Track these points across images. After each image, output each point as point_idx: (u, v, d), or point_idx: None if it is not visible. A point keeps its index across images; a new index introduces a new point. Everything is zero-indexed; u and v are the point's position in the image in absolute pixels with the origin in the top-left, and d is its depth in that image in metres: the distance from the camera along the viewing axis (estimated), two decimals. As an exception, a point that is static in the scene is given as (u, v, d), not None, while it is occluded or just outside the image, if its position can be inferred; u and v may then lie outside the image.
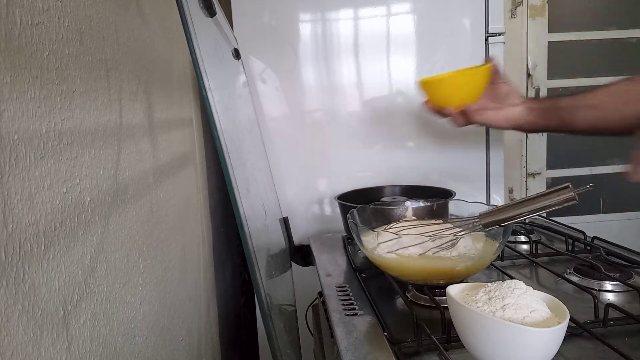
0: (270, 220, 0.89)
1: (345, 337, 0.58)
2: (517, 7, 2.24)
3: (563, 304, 0.48)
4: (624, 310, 0.58)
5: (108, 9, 0.54)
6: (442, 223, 0.75)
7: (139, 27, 0.66)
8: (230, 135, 0.60)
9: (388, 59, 1.20)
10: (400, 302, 0.69)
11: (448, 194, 1.01)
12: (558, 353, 0.46)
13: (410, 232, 0.69)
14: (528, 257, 0.81)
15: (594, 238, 0.88)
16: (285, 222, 1.10)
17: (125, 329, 0.53)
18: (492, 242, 0.69)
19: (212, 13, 0.67)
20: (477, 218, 0.67)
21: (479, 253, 0.66)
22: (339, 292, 0.74)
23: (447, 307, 0.52)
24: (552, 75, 2.28)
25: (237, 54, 1.06)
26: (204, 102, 0.50)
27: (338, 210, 1.06)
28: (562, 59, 2.27)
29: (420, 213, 0.85)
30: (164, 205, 0.72)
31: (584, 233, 0.91)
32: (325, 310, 0.74)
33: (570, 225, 0.99)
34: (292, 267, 1.12)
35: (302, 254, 1.08)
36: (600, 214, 2.32)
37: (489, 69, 0.86)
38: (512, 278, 0.55)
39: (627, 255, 0.80)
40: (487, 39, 1.19)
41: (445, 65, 1.20)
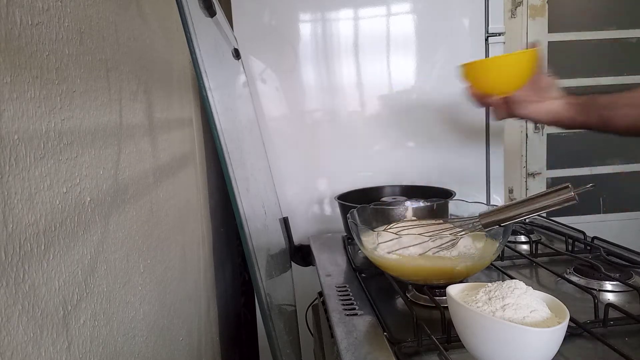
0: (270, 220, 0.89)
1: (345, 337, 0.58)
2: (517, 7, 2.24)
3: (563, 304, 0.48)
4: (624, 310, 0.58)
5: (108, 9, 0.54)
6: (442, 223, 0.75)
7: (139, 27, 0.66)
8: (230, 135, 0.60)
9: (388, 59, 1.20)
10: (400, 302, 0.69)
11: (448, 194, 1.01)
12: (558, 353, 0.46)
13: (411, 232, 0.69)
14: (528, 257, 0.81)
15: (594, 238, 0.88)
16: (285, 222, 1.10)
17: (125, 329, 0.53)
18: (492, 242, 0.69)
19: (212, 13, 0.67)
20: (477, 218, 0.67)
21: (479, 253, 0.66)
22: (339, 292, 0.74)
23: (447, 307, 0.52)
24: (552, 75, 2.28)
25: (237, 54, 1.06)
26: (204, 102, 0.50)
27: (338, 210, 1.06)
28: (562, 59, 2.27)
29: (420, 213, 0.85)
30: (164, 205, 0.72)
31: (584, 233, 0.91)
32: (325, 310, 0.74)
33: (570, 225, 0.99)
34: (292, 267, 1.12)
35: (302, 254, 1.08)
36: (600, 214, 2.32)
37: (536, 54, 0.80)
38: (512, 278, 0.55)
39: (627, 255, 0.80)
40: (487, 39, 1.19)
41: (445, 65, 1.20)
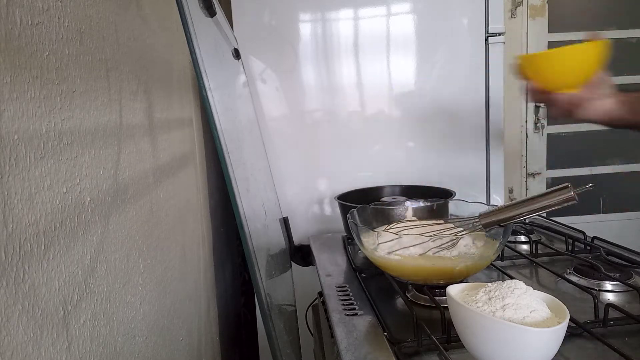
0: (270, 220, 0.89)
1: (345, 337, 0.58)
2: (517, 7, 2.24)
3: (563, 304, 0.48)
4: (624, 310, 0.58)
5: (108, 9, 0.54)
6: (442, 223, 0.75)
7: (139, 27, 0.66)
8: (230, 135, 0.60)
9: (388, 59, 1.20)
10: (400, 302, 0.69)
11: (448, 194, 1.01)
12: (558, 353, 0.46)
13: (411, 232, 0.69)
14: (528, 257, 0.81)
15: (594, 238, 0.88)
16: (285, 222, 1.10)
17: (125, 329, 0.53)
18: (492, 242, 0.69)
19: (212, 13, 0.67)
20: (477, 218, 0.67)
21: (479, 253, 0.66)
22: (339, 292, 0.74)
23: (447, 307, 0.52)
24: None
25: (237, 54, 1.06)
26: (204, 102, 0.50)
27: (338, 210, 1.06)
28: (562, 59, 2.27)
29: (420, 213, 0.85)
30: (164, 205, 0.72)
31: (584, 233, 0.91)
32: (325, 310, 0.74)
33: (570, 225, 0.99)
34: (292, 267, 1.12)
35: (302, 254, 1.08)
36: (600, 214, 2.32)
37: (605, 45, 0.70)
38: (512, 278, 0.55)
39: (627, 255, 0.80)
40: (487, 39, 1.19)
41: (445, 65, 1.20)
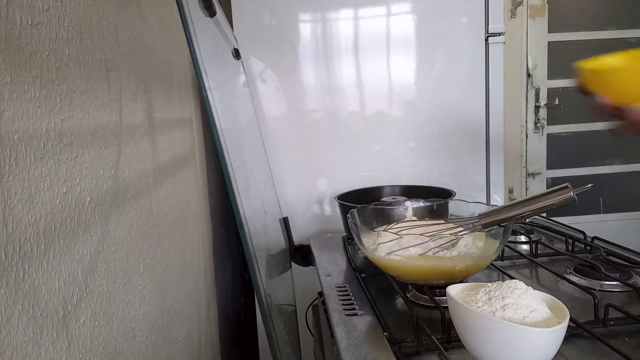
0: (270, 220, 0.89)
1: (345, 337, 0.58)
2: (517, 7, 2.24)
3: (563, 304, 0.48)
4: (624, 310, 0.58)
5: (108, 9, 0.54)
6: (442, 223, 0.75)
7: (139, 27, 0.66)
8: (230, 135, 0.60)
9: (388, 59, 1.20)
10: (400, 302, 0.69)
11: (448, 194, 1.01)
12: (558, 353, 0.46)
13: (411, 232, 0.69)
14: (528, 257, 0.81)
15: (594, 238, 0.88)
16: (285, 222, 1.10)
17: (125, 329, 0.53)
18: (492, 242, 0.69)
19: (212, 13, 0.67)
20: (476, 218, 0.67)
21: (479, 253, 0.66)
22: (339, 292, 0.74)
23: (447, 307, 0.52)
24: (552, 75, 2.28)
25: (237, 54, 1.06)
26: (204, 102, 0.50)
27: (338, 210, 1.06)
28: (562, 59, 2.27)
29: (420, 213, 0.85)
30: (164, 205, 0.72)
31: (584, 233, 0.91)
32: (325, 310, 0.74)
33: (570, 225, 0.99)
34: (292, 267, 1.12)
35: (302, 254, 1.08)
36: (600, 214, 2.32)
37: None
38: (512, 278, 0.55)
39: (627, 255, 0.80)
40: (487, 39, 1.19)
41: (445, 65, 1.20)
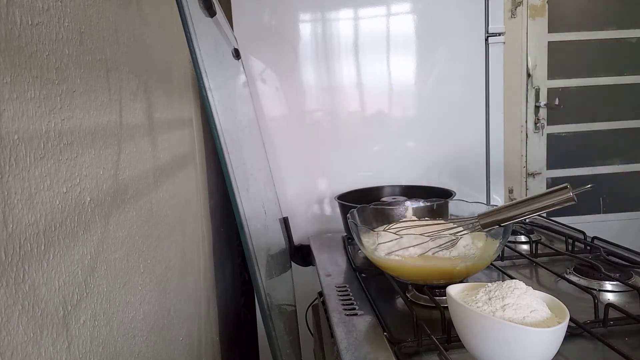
0: (270, 220, 0.89)
1: (345, 337, 0.58)
2: (517, 7, 2.24)
3: (563, 304, 0.48)
4: (624, 310, 0.58)
5: (108, 9, 0.54)
6: (442, 223, 0.75)
7: (139, 27, 0.66)
8: (230, 135, 0.60)
9: (388, 59, 1.20)
10: (400, 302, 0.69)
11: (448, 194, 1.01)
12: (558, 353, 0.46)
13: (410, 232, 0.69)
14: (528, 257, 0.81)
15: (594, 238, 0.88)
16: (285, 222, 1.10)
17: (125, 329, 0.53)
18: (492, 242, 0.69)
19: (212, 13, 0.67)
20: (476, 218, 0.67)
21: (479, 253, 0.66)
22: (339, 292, 0.74)
23: (447, 307, 0.52)
24: (552, 75, 2.28)
25: (237, 54, 1.06)
26: (204, 102, 0.50)
27: (338, 210, 1.06)
28: (562, 59, 2.28)
29: (420, 213, 0.85)
30: (164, 205, 0.72)
31: (584, 233, 0.91)
32: (325, 310, 0.74)
33: (570, 225, 0.99)
34: (292, 267, 1.12)
35: (302, 254, 1.08)
36: (600, 214, 2.32)
37: None
38: (512, 278, 0.55)
39: (627, 255, 0.80)
40: (487, 39, 1.19)
41: (445, 65, 1.20)
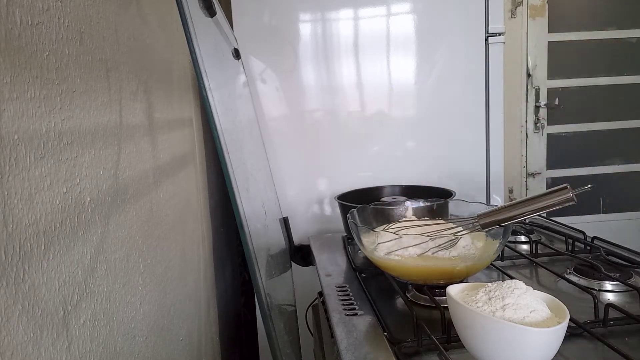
0: (270, 220, 0.89)
1: (345, 337, 0.58)
2: (517, 7, 2.24)
3: (563, 304, 0.48)
4: (624, 310, 0.58)
5: (108, 9, 0.54)
6: (441, 223, 0.75)
7: (139, 27, 0.66)
8: (230, 135, 0.60)
9: (388, 59, 1.20)
10: (400, 302, 0.69)
11: (448, 194, 1.01)
12: (558, 353, 0.46)
13: (410, 232, 0.69)
14: (528, 257, 0.81)
15: (594, 238, 0.88)
16: (285, 222, 1.10)
17: (125, 329, 0.53)
18: (492, 242, 0.69)
19: (212, 13, 0.67)
20: (475, 218, 0.67)
21: (479, 253, 0.66)
22: (339, 292, 0.74)
23: (447, 307, 0.52)
24: (552, 75, 2.28)
25: (237, 54, 1.06)
26: (204, 102, 0.50)
27: (338, 210, 1.06)
28: (562, 59, 2.28)
29: (420, 213, 0.85)
30: (164, 205, 0.72)
31: (584, 233, 0.91)
32: (325, 310, 0.74)
33: (570, 225, 0.99)
34: (292, 267, 1.12)
35: (302, 254, 1.08)
36: (600, 214, 2.32)
37: None
38: (512, 278, 0.55)
39: (627, 255, 0.80)
40: (487, 39, 1.19)
41: (445, 65, 1.20)
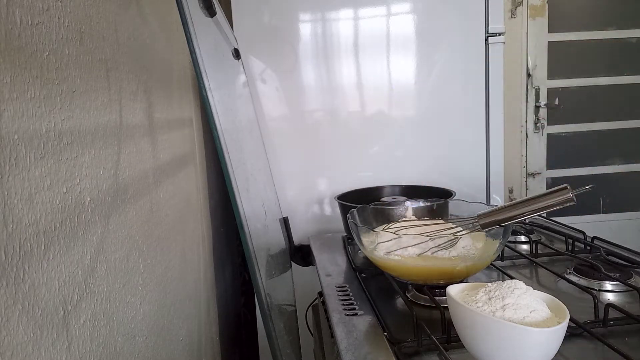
0: (270, 220, 0.89)
1: (345, 337, 0.58)
2: (517, 7, 2.24)
3: (563, 304, 0.48)
4: (624, 310, 0.58)
5: (108, 9, 0.54)
6: (441, 223, 0.75)
7: (139, 27, 0.66)
8: (230, 135, 0.60)
9: (388, 59, 1.20)
10: (400, 302, 0.69)
11: (448, 194, 1.01)
12: (558, 353, 0.46)
13: (410, 232, 0.69)
14: (528, 257, 0.81)
15: (594, 238, 0.88)
16: (285, 222, 1.10)
17: (125, 329, 0.53)
18: (492, 242, 0.69)
19: (212, 13, 0.67)
20: (475, 218, 0.67)
21: (479, 253, 0.66)
22: (339, 292, 0.74)
23: (447, 307, 0.52)
24: (552, 75, 2.28)
25: (237, 54, 1.06)
26: (204, 102, 0.50)
27: (338, 210, 1.06)
28: (562, 59, 2.27)
29: (420, 213, 0.85)
30: (164, 205, 0.72)
31: (584, 233, 0.91)
32: (325, 310, 0.74)
33: (570, 225, 0.99)
34: (292, 267, 1.12)
35: (302, 254, 1.08)
36: (600, 214, 2.32)
37: None
38: (512, 278, 0.55)
39: (627, 255, 0.80)
40: (487, 39, 1.19)
41: (445, 65, 1.20)
